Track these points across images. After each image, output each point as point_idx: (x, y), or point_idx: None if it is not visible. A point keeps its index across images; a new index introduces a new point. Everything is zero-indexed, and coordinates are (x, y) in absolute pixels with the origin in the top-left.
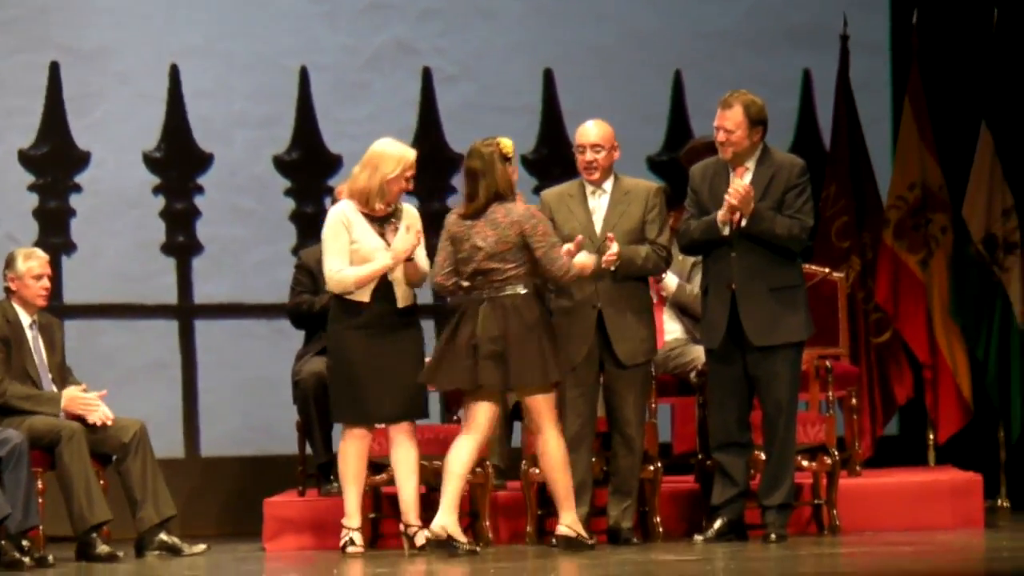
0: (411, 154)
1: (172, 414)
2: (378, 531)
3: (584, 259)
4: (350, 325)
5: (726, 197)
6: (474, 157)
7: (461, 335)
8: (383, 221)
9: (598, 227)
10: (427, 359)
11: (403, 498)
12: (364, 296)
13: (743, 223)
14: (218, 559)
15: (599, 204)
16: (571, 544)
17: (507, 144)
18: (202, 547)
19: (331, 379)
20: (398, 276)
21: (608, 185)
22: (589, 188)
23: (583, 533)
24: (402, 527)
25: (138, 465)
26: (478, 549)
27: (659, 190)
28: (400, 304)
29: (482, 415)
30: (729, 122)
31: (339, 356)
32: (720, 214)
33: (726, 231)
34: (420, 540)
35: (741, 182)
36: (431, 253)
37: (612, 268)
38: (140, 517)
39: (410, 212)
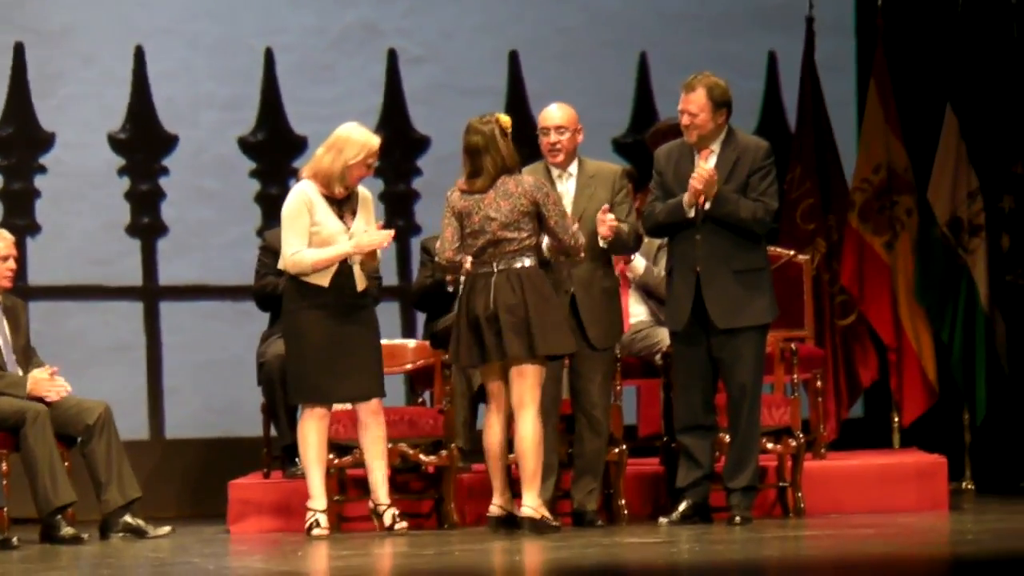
0: (375, 141)
1: (137, 396)
2: (342, 514)
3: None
4: (307, 306)
5: (690, 181)
6: (474, 134)
7: (475, 308)
8: (342, 204)
9: (568, 210)
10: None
11: (372, 477)
12: (323, 280)
13: (707, 206)
14: (183, 541)
15: (567, 188)
16: (535, 526)
17: (505, 119)
18: (167, 529)
19: (288, 360)
20: (358, 259)
21: (573, 168)
22: (555, 171)
23: (547, 515)
24: (371, 505)
25: (103, 447)
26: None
27: (624, 172)
28: (359, 287)
29: (503, 390)
30: (693, 105)
31: (296, 337)
32: (686, 197)
33: (691, 214)
34: (388, 519)
35: (705, 166)
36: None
37: (605, 245)
38: (105, 499)
39: (365, 196)
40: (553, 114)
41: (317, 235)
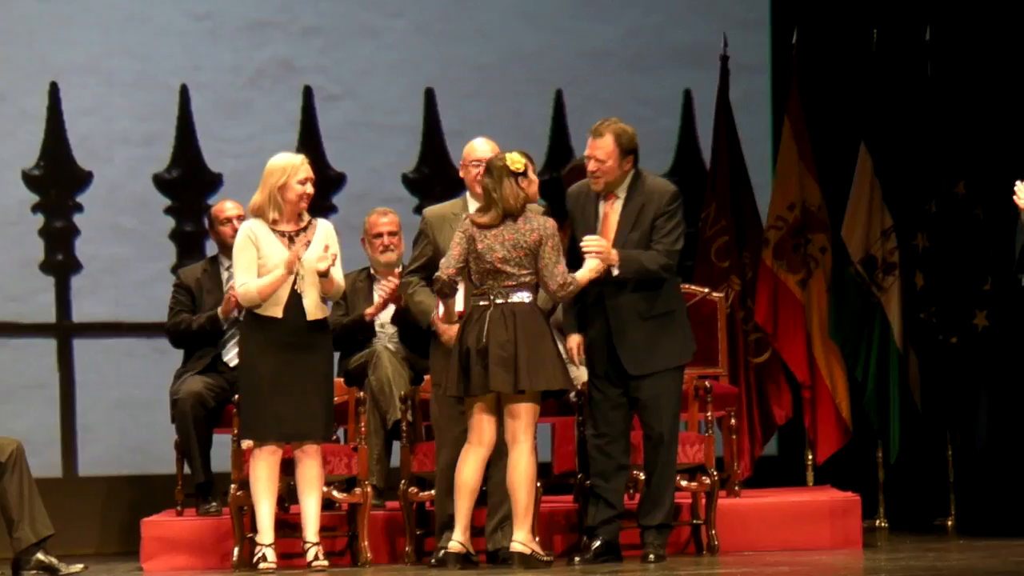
0: (296, 159)
1: (50, 433)
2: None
3: (585, 274)
4: (259, 340)
5: (586, 253)
6: (486, 173)
7: (468, 341)
8: (294, 235)
9: None
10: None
11: (303, 515)
12: (276, 311)
13: (615, 272)
14: None
15: None
16: (525, 560)
17: (513, 159)
18: (80, 567)
19: (241, 394)
20: (309, 290)
21: None
22: (473, 206)
23: (538, 550)
24: (302, 544)
25: (15, 484)
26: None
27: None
28: (309, 317)
29: (487, 426)
30: (600, 151)
31: (248, 371)
32: (584, 274)
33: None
34: (310, 556)
35: (593, 239)
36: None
37: None
38: (17, 537)
39: (323, 227)
40: (483, 148)
41: (264, 267)
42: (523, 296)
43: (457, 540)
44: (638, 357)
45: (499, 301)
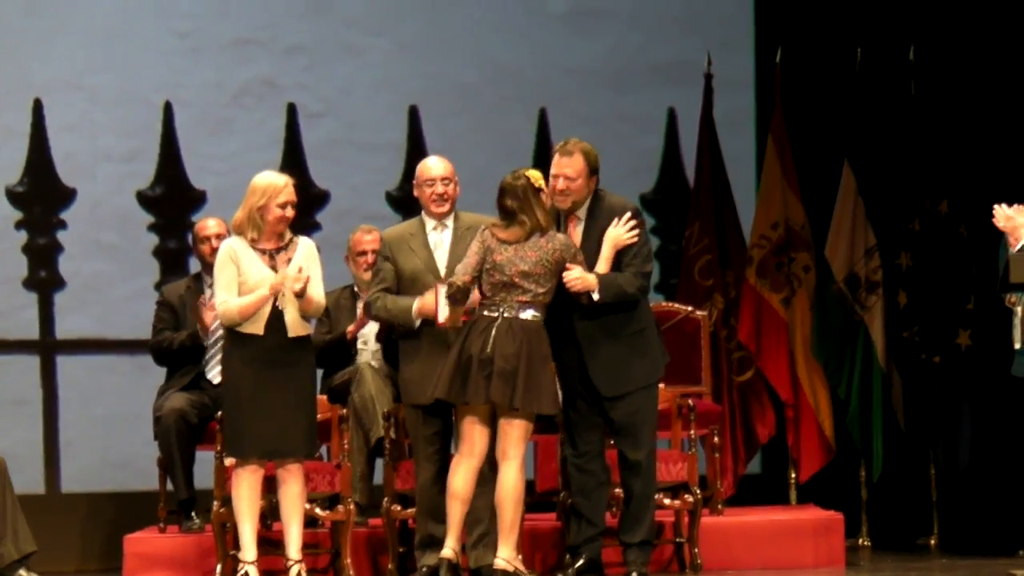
0: (279, 181)
1: (33, 449)
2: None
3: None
4: (241, 358)
5: (568, 286)
6: (508, 196)
7: (471, 347)
8: (274, 253)
9: (441, 263)
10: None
11: (287, 534)
12: (257, 328)
13: (596, 296)
14: None
15: (442, 239)
16: None
17: (535, 174)
18: None
19: (224, 412)
20: (289, 307)
21: (449, 221)
22: (430, 225)
23: (521, 567)
24: (285, 561)
25: None
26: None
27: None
28: (290, 334)
29: (479, 437)
30: (570, 170)
31: (231, 389)
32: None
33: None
34: (293, 574)
35: (571, 273)
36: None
37: None
38: (0, 553)
39: (304, 245)
40: (438, 165)
41: (244, 284)
42: (533, 313)
43: (450, 547)
44: (611, 378)
45: (508, 315)
